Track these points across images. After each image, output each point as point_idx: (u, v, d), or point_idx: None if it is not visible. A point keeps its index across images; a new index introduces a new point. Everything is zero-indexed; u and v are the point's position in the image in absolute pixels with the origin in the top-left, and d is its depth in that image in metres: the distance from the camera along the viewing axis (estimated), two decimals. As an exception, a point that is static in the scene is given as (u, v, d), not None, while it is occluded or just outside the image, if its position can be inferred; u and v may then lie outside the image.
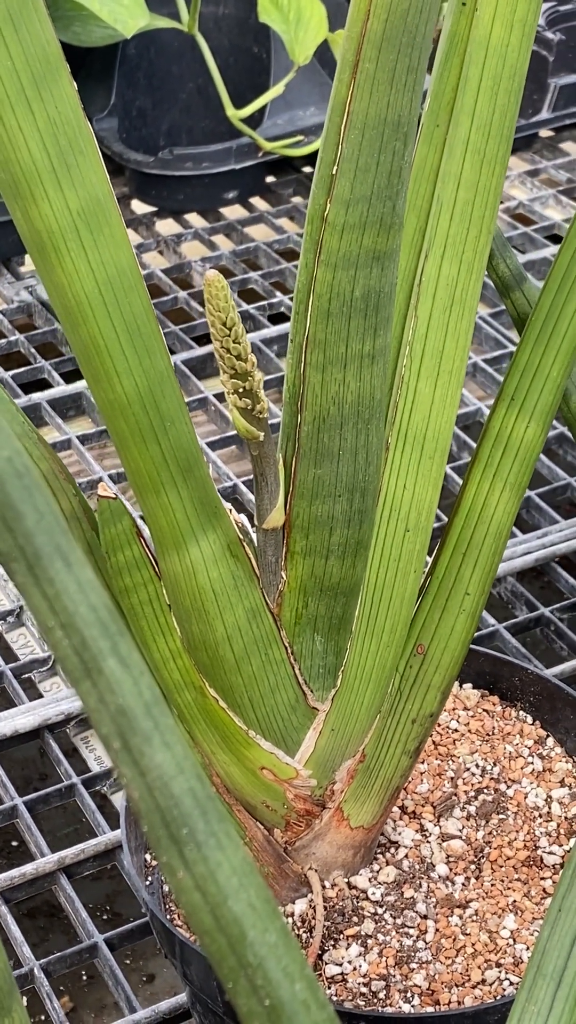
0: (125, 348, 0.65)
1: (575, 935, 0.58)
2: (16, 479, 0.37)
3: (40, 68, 0.60)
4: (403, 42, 0.60)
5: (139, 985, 1.16)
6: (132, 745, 0.38)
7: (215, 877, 0.40)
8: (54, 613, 0.38)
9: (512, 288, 0.87)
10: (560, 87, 2.00)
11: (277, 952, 0.41)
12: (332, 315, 0.67)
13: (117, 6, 1.59)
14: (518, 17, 0.69)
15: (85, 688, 0.38)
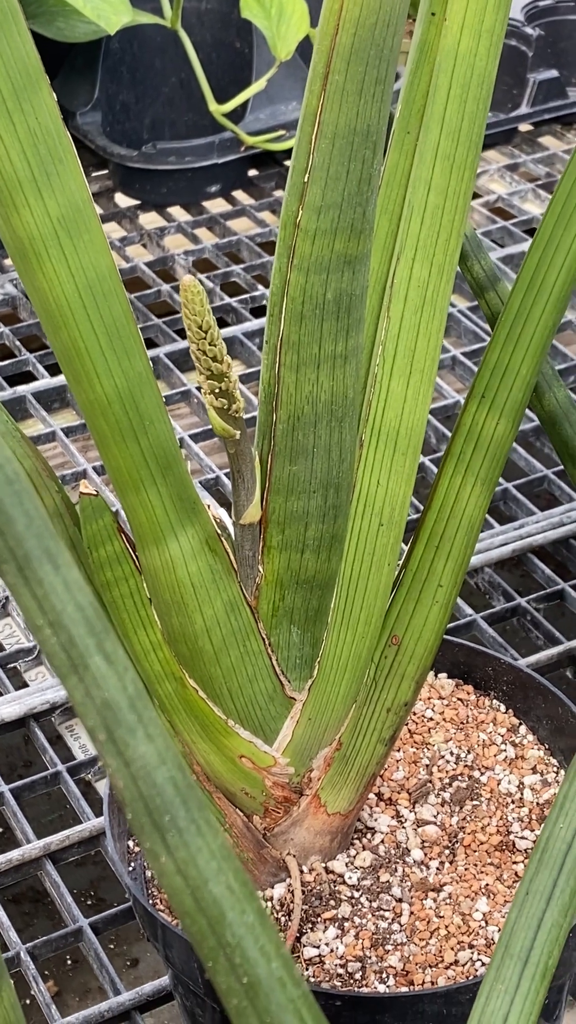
0: (105, 350, 0.67)
1: (541, 917, 0.60)
2: (7, 485, 0.39)
3: (20, 80, 0.61)
4: (371, 55, 0.63)
5: (123, 969, 1.19)
6: (117, 737, 0.41)
7: (195, 861, 0.42)
8: (43, 612, 0.40)
9: (486, 288, 0.89)
10: (539, 82, 2.02)
11: (254, 932, 0.43)
12: (305, 317, 0.69)
13: (101, 2, 1.61)
14: (486, 27, 0.71)
15: (72, 683, 0.40)
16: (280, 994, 0.44)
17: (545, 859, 0.62)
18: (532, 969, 0.61)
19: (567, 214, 0.76)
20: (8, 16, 0.60)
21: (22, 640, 1.23)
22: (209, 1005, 0.82)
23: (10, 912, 1.07)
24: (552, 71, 2.03)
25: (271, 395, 0.72)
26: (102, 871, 1.23)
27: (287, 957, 0.45)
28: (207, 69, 1.82)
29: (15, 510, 0.39)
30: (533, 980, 0.60)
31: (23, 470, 0.75)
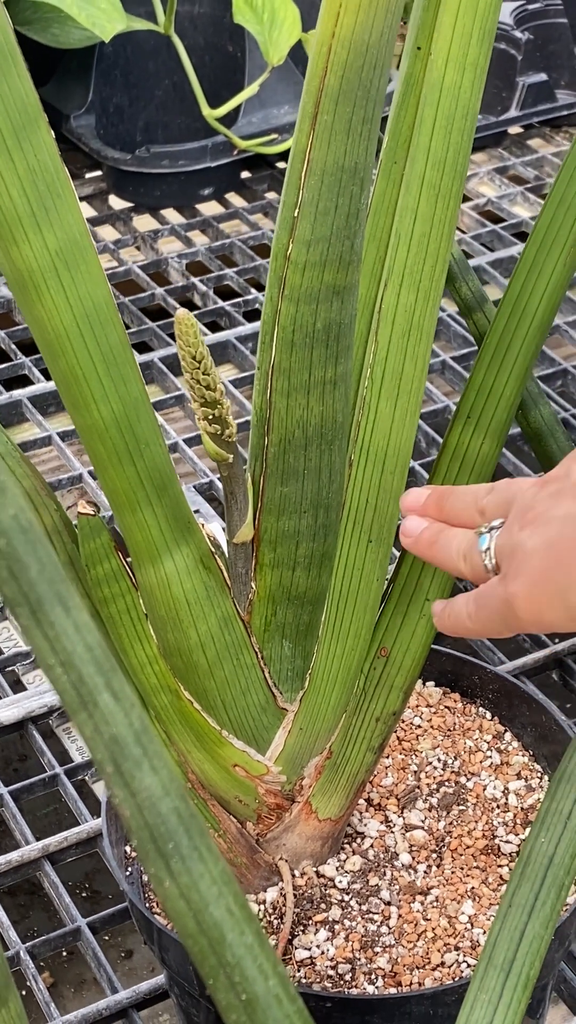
0: (102, 377, 0.69)
1: (523, 929, 0.63)
2: (21, 534, 0.42)
3: (20, 119, 0.64)
4: (358, 96, 0.65)
5: (118, 961, 1.21)
6: (124, 769, 0.43)
7: (198, 886, 0.45)
8: (54, 652, 0.42)
9: (474, 309, 0.91)
10: (528, 85, 2.04)
11: (253, 952, 0.46)
12: (296, 345, 0.71)
13: (95, 10, 1.62)
14: (470, 61, 0.73)
15: (82, 719, 0.43)
16: (277, 1010, 0.47)
17: (527, 873, 0.65)
18: (514, 979, 0.64)
19: (548, 241, 0.78)
20: (8, 58, 0.63)
21: (20, 644, 1.25)
22: (204, 1005, 0.85)
23: (5, 904, 1.10)
24: (541, 75, 2.05)
25: (263, 419, 0.74)
26: (96, 864, 1.26)
27: (283, 975, 0.48)
28: (200, 73, 1.84)
29: (29, 557, 0.42)
30: (515, 990, 0.63)
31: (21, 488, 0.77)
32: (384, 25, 0.64)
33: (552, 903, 0.71)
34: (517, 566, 0.61)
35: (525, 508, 0.62)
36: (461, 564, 0.67)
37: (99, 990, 1.17)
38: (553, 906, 0.71)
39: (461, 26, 0.72)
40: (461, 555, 0.67)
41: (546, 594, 0.59)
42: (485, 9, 0.72)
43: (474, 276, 0.92)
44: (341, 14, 0.63)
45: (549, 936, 0.70)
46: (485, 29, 0.72)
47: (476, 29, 0.72)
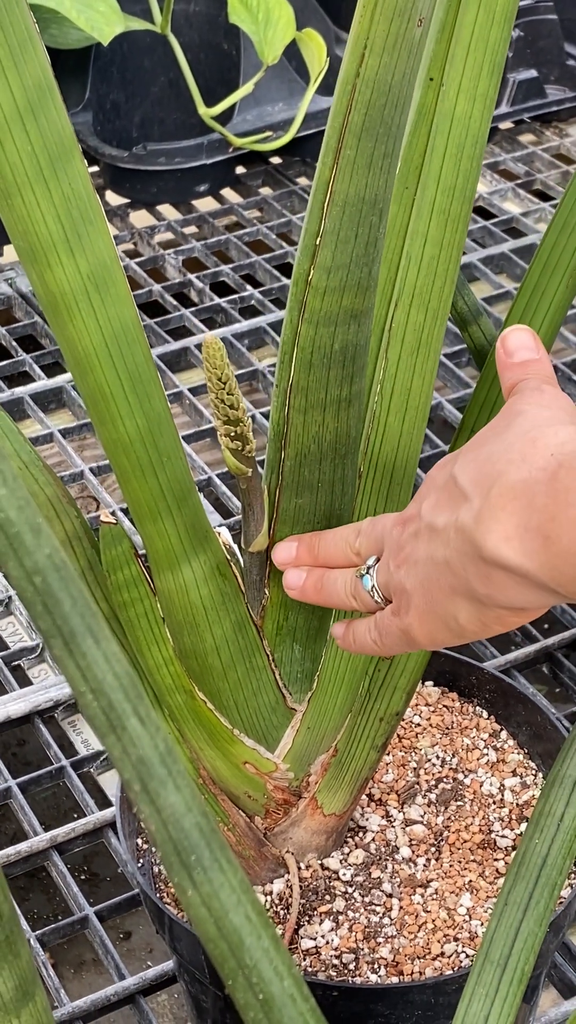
0: (128, 393, 0.72)
1: (518, 927, 0.67)
2: (55, 571, 0.45)
3: (56, 150, 0.67)
4: (380, 132, 0.68)
5: (116, 941, 1.25)
6: (150, 788, 0.47)
7: (218, 895, 0.49)
8: (85, 680, 0.46)
9: (470, 323, 0.95)
10: (519, 82, 2.07)
11: (269, 955, 0.50)
12: (314, 365, 0.74)
13: (93, 13, 1.65)
14: (480, 92, 0.76)
15: (111, 741, 0.47)
16: (291, 1008, 0.51)
17: (522, 872, 0.69)
18: (510, 975, 0.67)
19: (551, 265, 0.82)
20: (46, 93, 0.66)
21: (25, 639, 1.28)
22: (212, 992, 0.88)
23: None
24: (531, 71, 2.08)
25: (280, 434, 0.78)
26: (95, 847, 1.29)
27: (297, 976, 0.51)
28: (195, 70, 1.86)
29: (62, 593, 0.45)
30: (511, 985, 0.67)
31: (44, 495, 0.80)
32: (406, 67, 0.67)
33: (546, 901, 0.75)
34: (405, 603, 0.69)
35: (395, 548, 0.70)
36: (352, 602, 0.74)
37: (99, 971, 1.21)
38: (547, 904, 0.75)
39: (473, 59, 0.75)
40: (349, 595, 0.74)
41: (434, 623, 0.67)
42: (495, 43, 0.75)
43: (470, 290, 0.96)
44: (366, 55, 0.66)
45: (543, 933, 0.74)
46: (495, 62, 0.76)
47: (487, 62, 0.75)
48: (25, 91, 0.64)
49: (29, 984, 0.64)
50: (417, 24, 0.66)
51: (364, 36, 0.66)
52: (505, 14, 0.74)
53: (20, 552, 0.46)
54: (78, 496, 1.50)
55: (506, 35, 0.75)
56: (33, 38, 0.65)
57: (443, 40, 0.75)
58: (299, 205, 1.94)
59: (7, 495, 0.45)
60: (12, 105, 0.64)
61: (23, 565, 0.46)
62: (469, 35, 0.74)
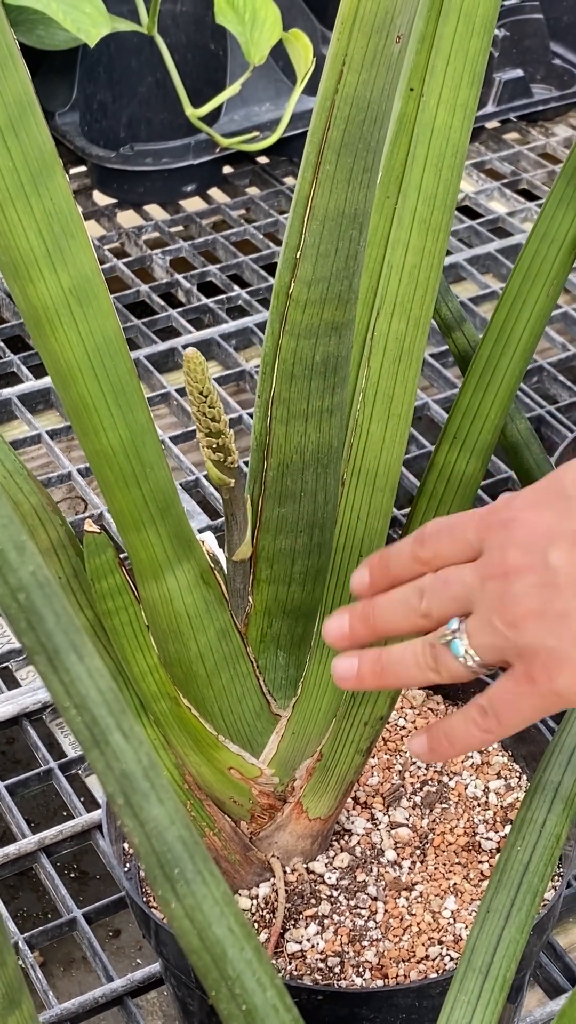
0: (111, 405, 0.73)
1: (500, 934, 0.67)
2: (38, 588, 0.46)
3: (37, 165, 0.67)
4: (359, 147, 0.69)
5: (105, 940, 1.25)
6: (133, 801, 0.48)
7: (201, 907, 0.49)
8: (69, 696, 0.47)
9: (453, 328, 0.95)
10: (504, 81, 2.08)
11: (252, 967, 0.51)
12: (295, 377, 0.75)
13: (80, 14, 1.65)
14: (460, 102, 0.77)
15: (95, 755, 0.47)
16: (274, 1019, 0.52)
17: (504, 880, 0.70)
18: (492, 982, 0.68)
19: (532, 274, 0.82)
20: (26, 108, 0.66)
21: (13, 641, 1.29)
22: (198, 995, 0.89)
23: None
24: (517, 71, 2.09)
25: (262, 444, 0.78)
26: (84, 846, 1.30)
27: (280, 987, 0.52)
28: (182, 70, 1.87)
29: (46, 610, 0.46)
30: (492, 992, 0.68)
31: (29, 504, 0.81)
32: (385, 82, 0.67)
33: (527, 908, 0.76)
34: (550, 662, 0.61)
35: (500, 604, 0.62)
36: (431, 675, 0.65)
37: (87, 969, 1.22)
38: (528, 911, 0.76)
39: (452, 70, 0.76)
40: (427, 668, 0.65)
41: None
42: (475, 54, 0.76)
43: (453, 297, 0.97)
44: (344, 72, 0.67)
45: (524, 939, 0.75)
46: (475, 72, 0.76)
47: (467, 73, 0.76)
48: (6, 107, 0.65)
49: (15, 992, 0.65)
50: (395, 40, 0.67)
51: (343, 53, 0.67)
52: (484, 24, 0.74)
53: (4, 569, 0.46)
54: (66, 497, 1.50)
55: (486, 45, 0.76)
56: (13, 55, 0.65)
57: (423, 51, 0.75)
58: (286, 205, 1.94)
59: (-10, 514, 0.45)
60: (-7, 121, 0.65)
61: (7, 582, 0.46)
62: (449, 46, 0.74)
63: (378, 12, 0.67)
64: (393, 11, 0.68)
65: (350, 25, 0.67)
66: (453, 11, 0.74)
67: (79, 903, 1.10)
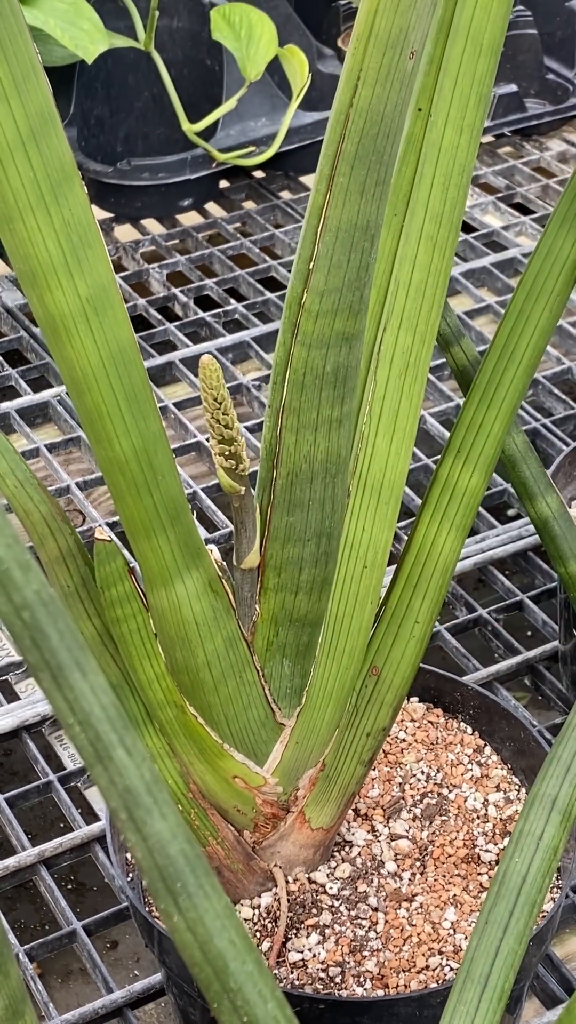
0: (124, 413, 0.74)
1: (498, 945, 0.68)
2: (42, 607, 0.46)
3: (57, 176, 0.68)
4: (372, 160, 0.70)
5: (104, 951, 1.26)
6: (136, 816, 0.48)
7: (203, 920, 0.50)
8: (73, 712, 0.47)
9: (452, 343, 0.96)
10: (499, 96, 2.09)
11: (253, 979, 0.51)
12: (306, 387, 0.76)
13: (77, 31, 1.66)
14: (467, 122, 0.78)
15: (98, 771, 0.48)
16: (275, 1030, 0.52)
17: (503, 892, 0.70)
18: (490, 992, 0.69)
19: (535, 291, 0.83)
20: (48, 122, 0.67)
21: (12, 654, 1.29)
22: (200, 1005, 0.90)
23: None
24: (511, 85, 2.10)
25: (272, 454, 0.79)
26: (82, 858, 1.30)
27: (281, 999, 0.53)
28: (179, 85, 1.88)
29: (50, 628, 0.46)
30: (491, 1002, 0.68)
31: (38, 512, 0.82)
32: (398, 97, 0.68)
33: (525, 920, 0.76)
34: None
35: None
36: None
37: (85, 981, 1.22)
38: (526, 923, 0.76)
39: (460, 91, 0.77)
40: None
41: None
42: (482, 75, 0.77)
43: (452, 312, 0.98)
44: (359, 86, 0.68)
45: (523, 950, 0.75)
46: (482, 94, 0.77)
47: (474, 94, 0.77)
48: (28, 119, 0.66)
49: (19, 1003, 0.65)
50: (409, 56, 0.68)
51: (357, 68, 0.68)
52: (491, 47, 0.75)
53: (9, 588, 0.47)
54: (65, 510, 1.51)
55: (492, 67, 0.77)
56: (36, 67, 0.66)
57: (431, 72, 0.76)
58: (282, 219, 1.95)
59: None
60: (15, 132, 0.66)
61: (12, 601, 0.47)
62: (457, 67, 0.76)
63: (392, 29, 0.68)
64: (407, 28, 0.69)
65: (365, 41, 0.68)
66: (461, 34, 0.75)
67: (77, 915, 1.10)
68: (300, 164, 2.01)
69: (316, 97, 1.97)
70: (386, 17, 0.67)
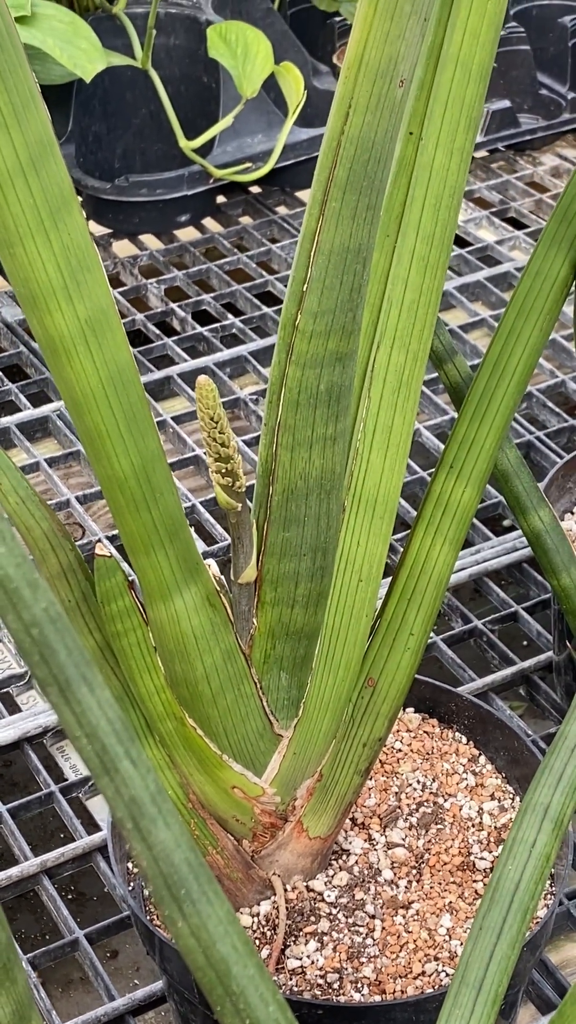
0: (123, 432, 0.75)
1: (492, 950, 0.70)
2: (51, 624, 0.48)
3: (56, 202, 0.70)
4: (363, 186, 0.71)
5: (104, 960, 1.27)
6: (141, 826, 0.50)
7: (206, 926, 0.51)
8: (80, 726, 0.49)
9: (445, 361, 0.98)
10: (492, 112, 2.11)
11: (255, 982, 0.53)
12: (301, 405, 0.78)
13: (75, 50, 1.68)
14: (457, 146, 0.80)
15: (104, 782, 0.50)
16: (276, 1033, 0.54)
17: (496, 898, 0.72)
18: (485, 996, 0.70)
19: (526, 309, 0.85)
20: (47, 149, 0.69)
21: (14, 666, 1.31)
22: (201, 1011, 0.91)
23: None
24: (505, 101, 2.12)
25: (268, 471, 0.81)
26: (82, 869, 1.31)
27: (281, 1002, 0.55)
28: (175, 102, 1.90)
29: (58, 644, 0.48)
30: (486, 1006, 0.70)
31: (40, 529, 0.83)
32: (388, 125, 0.70)
33: (518, 925, 0.78)
34: None
35: None
36: None
37: (86, 990, 1.23)
38: (519, 928, 0.78)
39: (450, 115, 0.79)
40: None
41: None
42: (472, 100, 0.79)
43: (444, 329, 0.99)
44: (350, 114, 0.70)
45: (516, 955, 0.77)
46: (471, 118, 0.79)
47: (463, 118, 0.79)
48: (28, 147, 0.67)
49: (25, 1008, 0.67)
50: (398, 85, 0.70)
51: (348, 96, 0.70)
52: (481, 72, 0.77)
53: (19, 606, 0.48)
54: (64, 524, 1.52)
55: (482, 92, 0.79)
56: (35, 96, 0.68)
57: (422, 97, 0.78)
58: (279, 234, 1.97)
59: (5, 553, 0.47)
60: (15, 160, 0.67)
61: (21, 618, 0.48)
62: (447, 93, 0.77)
63: (382, 58, 0.70)
64: (396, 57, 0.70)
65: (355, 70, 0.70)
66: (451, 60, 0.77)
67: (78, 924, 1.12)
68: (296, 180, 2.03)
69: (312, 113, 2.00)
70: (376, 47, 0.69)
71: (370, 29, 0.68)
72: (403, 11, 0.68)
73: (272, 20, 2.01)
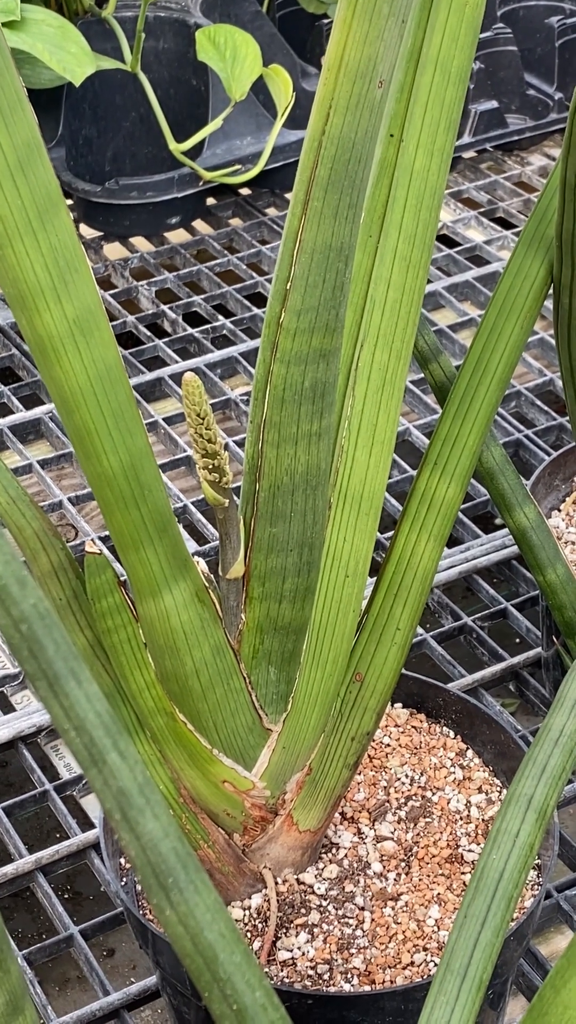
0: (112, 430, 0.76)
1: (476, 938, 0.71)
2: (40, 619, 0.49)
3: (44, 204, 0.71)
4: (345, 185, 0.73)
5: (100, 958, 1.28)
6: (129, 816, 0.51)
7: (194, 914, 0.53)
8: (69, 719, 0.50)
9: (430, 360, 0.99)
10: (480, 112, 2.13)
11: (241, 969, 0.54)
12: (286, 402, 0.79)
13: (65, 54, 1.69)
14: (437, 147, 0.81)
15: (93, 774, 0.51)
16: (263, 1017, 0.55)
17: (480, 887, 0.73)
18: (469, 983, 0.71)
19: (507, 308, 0.86)
20: (34, 151, 0.70)
21: (8, 666, 1.32)
22: (194, 1004, 0.92)
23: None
24: (492, 102, 2.13)
25: (254, 467, 0.82)
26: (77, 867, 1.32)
27: (268, 988, 0.56)
28: (165, 105, 1.91)
29: (46, 639, 0.49)
30: (470, 992, 0.71)
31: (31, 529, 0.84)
32: (368, 125, 0.71)
33: (502, 913, 0.79)
34: None
35: None
36: None
37: (82, 988, 1.24)
38: (503, 916, 0.79)
39: (430, 117, 0.80)
40: None
41: None
42: (451, 102, 0.80)
43: (429, 330, 1.01)
44: (331, 114, 0.71)
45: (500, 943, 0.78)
46: (451, 119, 0.80)
47: (443, 119, 0.80)
48: (15, 149, 0.69)
49: (19, 999, 0.68)
50: (378, 86, 0.71)
51: (329, 97, 0.71)
52: (459, 75, 0.78)
53: (7, 602, 0.49)
54: (56, 525, 1.53)
55: (461, 94, 0.80)
56: (22, 100, 0.69)
57: (402, 99, 0.80)
58: (268, 235, 1.98)
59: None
60: (3, 162, 0.68)
61: (10, 614, 0.50)
62: (426, 95, 0.79)
63: (362, 59, 0.71)
64: (375, 58, 0.72)
65: (336, 71, 0.71)
66: (430, 62, 0.79)
67: (74, 922, 1.12)
68: (285, 181, 2.04)
69: (301, 115, 2.00)
70: (355, 48, 0.70)
71: (349, 31, 0.70)
72: (381, 13, 0.69)
73: (260, 23, 2.02)
